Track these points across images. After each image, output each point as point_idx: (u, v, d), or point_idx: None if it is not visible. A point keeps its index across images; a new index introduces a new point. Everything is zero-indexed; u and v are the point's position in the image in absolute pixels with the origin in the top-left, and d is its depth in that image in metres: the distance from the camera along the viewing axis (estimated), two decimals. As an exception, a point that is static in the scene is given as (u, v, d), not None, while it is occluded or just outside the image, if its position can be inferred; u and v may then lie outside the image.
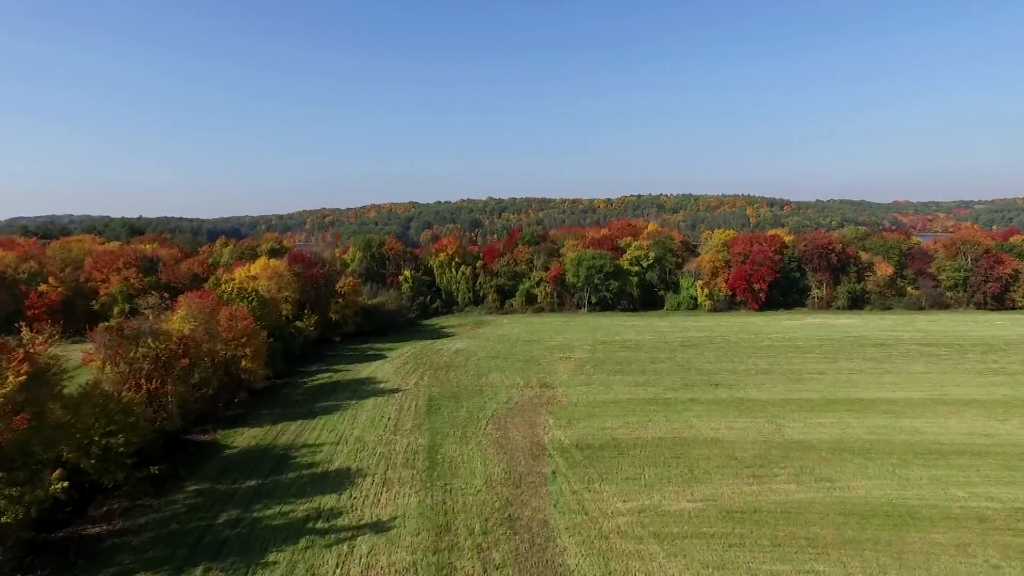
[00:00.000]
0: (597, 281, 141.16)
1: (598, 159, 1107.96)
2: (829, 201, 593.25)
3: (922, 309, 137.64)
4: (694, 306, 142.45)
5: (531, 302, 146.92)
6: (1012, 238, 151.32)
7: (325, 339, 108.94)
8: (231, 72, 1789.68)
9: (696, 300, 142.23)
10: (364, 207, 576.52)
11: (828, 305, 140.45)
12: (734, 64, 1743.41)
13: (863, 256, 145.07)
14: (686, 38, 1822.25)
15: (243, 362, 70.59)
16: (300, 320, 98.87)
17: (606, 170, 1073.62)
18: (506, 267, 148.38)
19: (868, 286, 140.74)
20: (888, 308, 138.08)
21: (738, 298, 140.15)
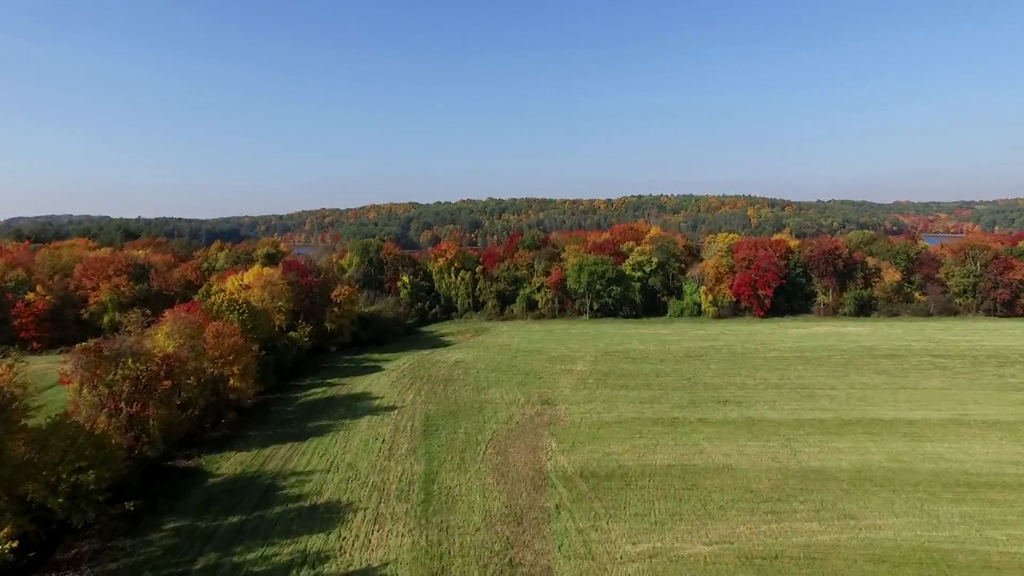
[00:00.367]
0: (599, 287, 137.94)
1: (598, 159, 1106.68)
2: (830, 202, 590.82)
3: (930, 316, 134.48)
4: (698, 312, 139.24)
5: (532, 308, 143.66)
6: (1021, 243, 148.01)
7: (320, 349, 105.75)
8: (231, 72, 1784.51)
9: (700, 306, 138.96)
10: (364, 207, 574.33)
11: (834, 311, 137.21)
12: (734, 64, 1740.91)
13: (870, 261, 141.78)
14: (686, 38, 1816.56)
15: (231, 380, 67.54)
16: (294, 331, 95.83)
17: (606, 170, 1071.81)
18: (506, 272, 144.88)
19: (875, 292, 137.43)
20: (895, 314, 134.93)
21: (743, 304, 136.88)
